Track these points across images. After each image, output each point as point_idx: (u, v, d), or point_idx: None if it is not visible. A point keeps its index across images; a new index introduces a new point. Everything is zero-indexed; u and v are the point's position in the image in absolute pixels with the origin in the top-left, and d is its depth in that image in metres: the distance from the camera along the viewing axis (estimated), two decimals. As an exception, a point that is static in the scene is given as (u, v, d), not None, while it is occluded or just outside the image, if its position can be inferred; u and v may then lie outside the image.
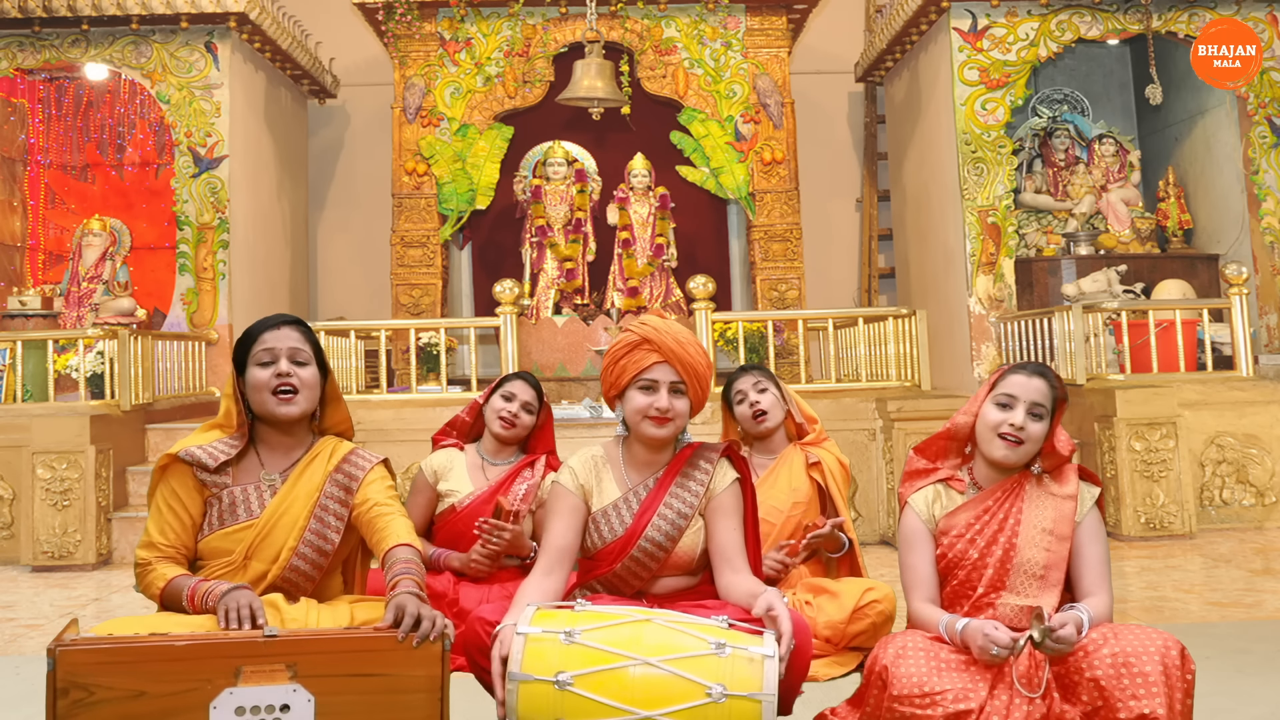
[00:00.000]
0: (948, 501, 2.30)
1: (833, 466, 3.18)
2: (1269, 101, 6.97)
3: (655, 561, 2.26)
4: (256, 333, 2.26)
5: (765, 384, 3.21)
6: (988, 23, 7.07)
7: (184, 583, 2.13)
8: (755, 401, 3.19)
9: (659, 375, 2.23)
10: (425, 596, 2.01)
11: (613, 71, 7.03)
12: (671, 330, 2.28)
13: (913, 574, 2.27)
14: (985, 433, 2.24)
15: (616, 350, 2.29)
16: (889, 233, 9.06)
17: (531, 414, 3.38)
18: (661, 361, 2.23)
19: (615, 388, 2.30)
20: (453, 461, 3.41)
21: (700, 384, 2.26)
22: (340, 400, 2.38)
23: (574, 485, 2.31)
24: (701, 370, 2.26)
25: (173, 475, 2.23)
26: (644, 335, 2.25)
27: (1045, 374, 2.26)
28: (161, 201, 7.76)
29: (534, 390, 3.41)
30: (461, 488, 3.34)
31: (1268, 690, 2.83)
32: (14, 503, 5.50)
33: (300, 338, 2.26)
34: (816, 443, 3.25)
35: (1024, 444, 2.21)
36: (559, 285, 7.56)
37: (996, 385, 2.27)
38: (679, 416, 2.25)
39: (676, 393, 2.24)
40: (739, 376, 3.26)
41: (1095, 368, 5.87)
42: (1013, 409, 2.21)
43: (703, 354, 2.29)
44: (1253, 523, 5.63)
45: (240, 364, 2.25)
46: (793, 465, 3.22)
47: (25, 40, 7.16)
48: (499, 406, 3.37)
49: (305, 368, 2.25)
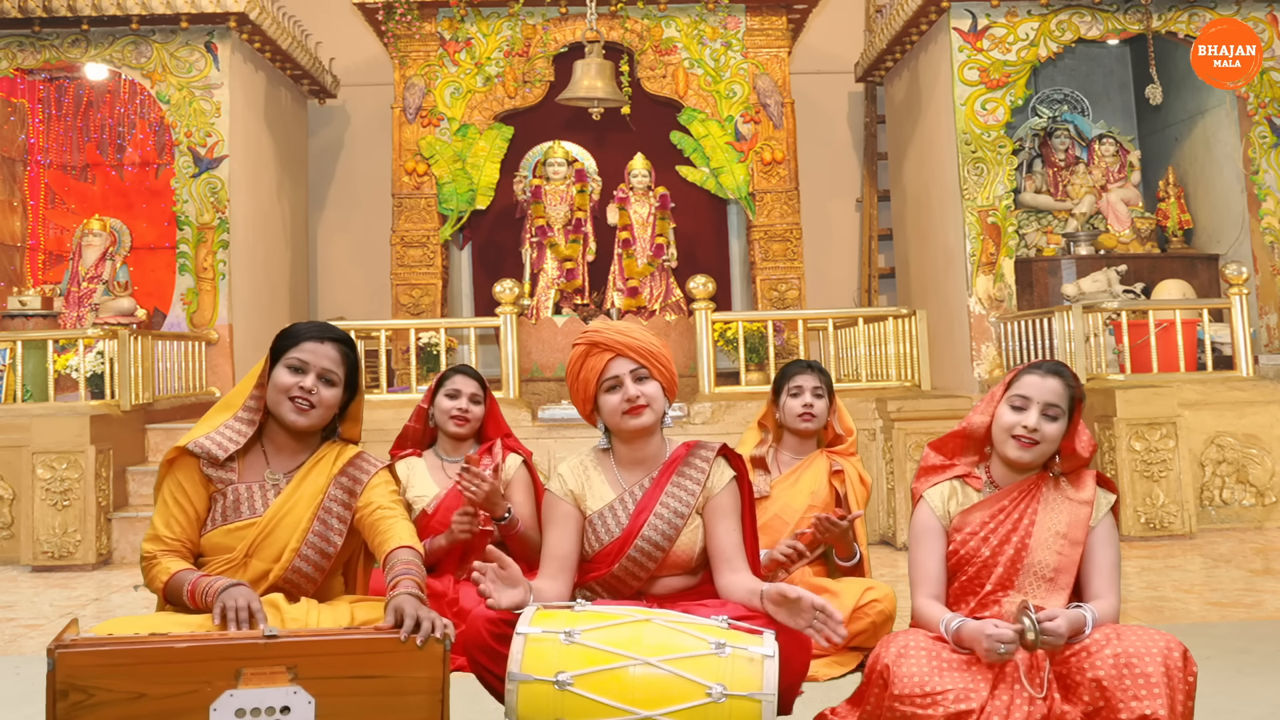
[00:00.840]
0: (963, 499, 2.29)
1: (854, 479, 3.20)
2: (1269, 101, 6.97)
3: (653, 561, 2.26)
4: (300, 337, 2.26)
5: (824, 390, 3.23)
6: (988, 23, 7.06)
7: (186, 577, 2.14)
8: (810, 404, 3.21)
9: (618, 369, 2.26)
10: (425, 598, 2.01)
11: (613, 71, 7.03)
12: (614, 325, 2.32)
13: (921, 569, 2.27)
14: (1000, 434, 2.24)
15: (573, 366, 2.33)
16: (889, 233, 9.06)
17: (479, 404, 3.40)
18: (614, 356, 2.26)
19: (587, 401, 2.32)
20: (411, 468, 3.42)
21: (661, 364, 2.29)
22: (359, 422, 2.39)
23: (564, 492, 2.31)
24: (655, 351, 2.29)
25: (179, 469, 2.24)
26: (590, 340, 2.30)
27: (1061, 373, 2.24)
28: (161, 201, 7.75)
29: (475, 380, 3.42)
30: (427, 491, 3.35)
31: (1268, 690, 2.83)
32: (14, 503, 5.49)
33: (338, 359, 2.26)
34: (845, 454, 3.26)
35: (1039, 445, 2.20)
36: (559, 285, 7.55)
37: (1011, 385, 2.25)
38: (653, 400, 2.27)
39: (641, 379, 2.26)
40: (803, 371, 3.26)
41: (1095, 368, 5.87)
42: (1026, 410, 2.21)
43: (652, 336, 2.33)
44: (1253, 523, 5.63)
45: (275, 356, 2.26)
46: (817, 469, 3.23)
47: (25, 40, 7.16)
48: (447, 407, 3.38)
49: (331, 388, 2.25)
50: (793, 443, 3.30)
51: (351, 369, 2.30)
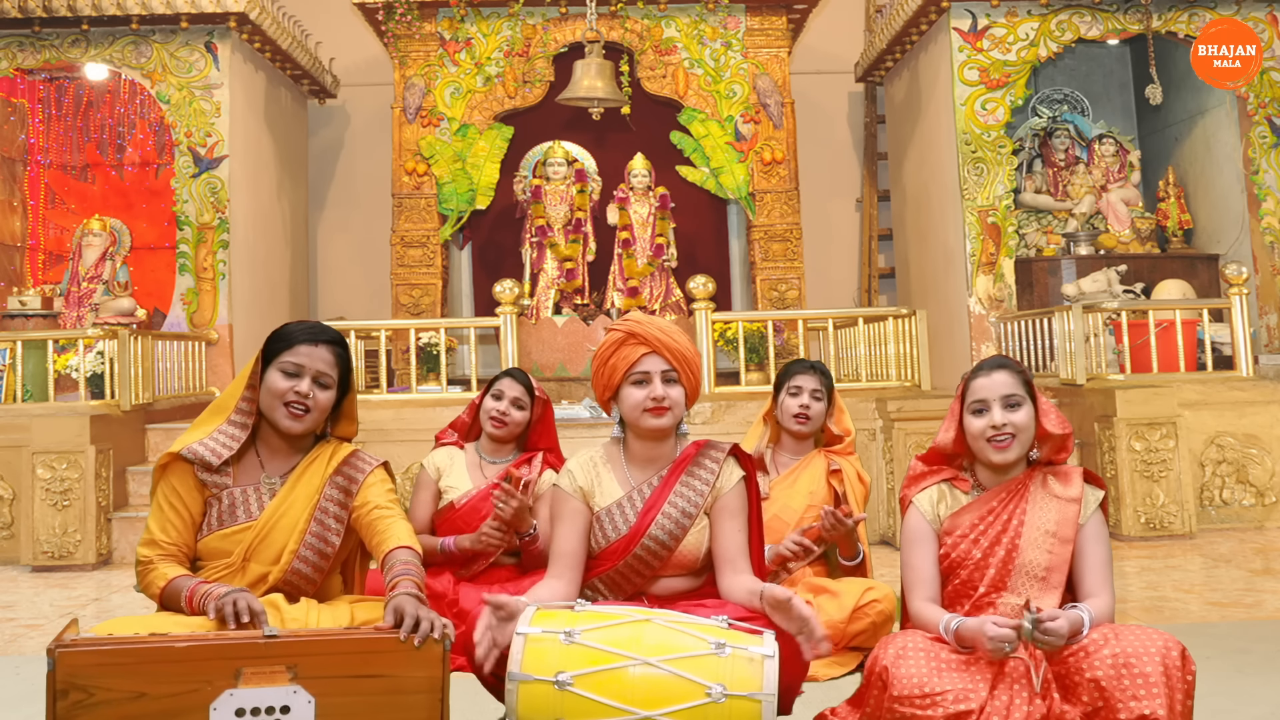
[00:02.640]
0: (952, 501, 2.30)
1: (853, 478, 3.19)
2: (1269, 101, 6.97)
3: (658, 560, 2.26)
4: (294, 340, 2.23)
5: (823, 393, 3.22)
6: (988, 23, 7.07)
7: (183, 583, 2.13)
8: (806, 405, 3.20)
9: (650, 366, 2.24)
10: (424, 598, 2.01)
11: (613, 71, 7.03)
12: (655, 322, 2.30)
13: (915, 573, 2.27)
14: (976, 443, 2.26)
15: (604, 350, 2.30)
16: (889, 233, 9.06)
17: (523, 409, 3.39)
18: (650, 353, 2.24)
19: (609, 388, 2.30)
20: (453, 459, 3.43)
21: (691, 370, 2.28)
22: (354, 419, 2.37)
23: (573, 488, 2.30)
24: (690, 357, 2.28)
25: (173, 473, 2.23)
26: (629, 330, 2.27)
27: (1005, 364, 2.28)
28: (161, 201, 7.75)
29: (523, 385, 3.42)
30: (460, 485, 3.36)
31: (1268, 690, 2.83)
32: (14, 503, 5.50)
33: (332, 361, 2.24)
34: (843, 453, 3.26)
35: (1016, 437, 2.22)
36: (559, 285, 7.55)
37: (965, 395, 2.29)
38: (676, 405, 2.26)
39: (670, 381, 2.25)
40: (804, 371, 3.25)
41: (1095, 368, 5.87)
42: (989, 411, 2.23)
43: (689, 341, 2.32)
44: (1253, 523, 5.63)
45: (267, 358, 2.24)
46: (814, 470, 3.22)
47: (25, 40, 7.16)
48: (489, 406, 3.39)
49: (325, 391, 2.24)
50: (790, 443, 3.29)
51: (344, 368, 2.28)
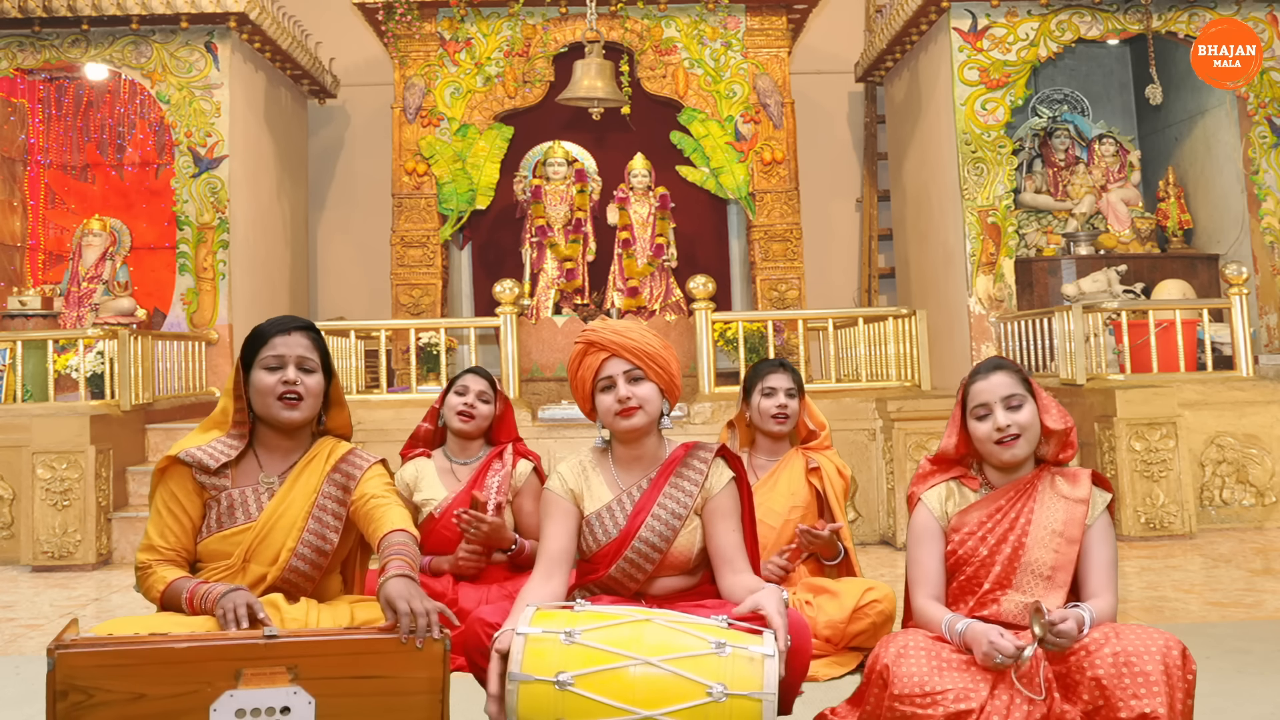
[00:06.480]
0: (961, 499, 2.31)
1: (832, 474, 3.19)
2: (1269, 101, 6.97)
3: (650, 562, 2.26)
4: (267, 335, 2.25)
5: (795, 390, 3.22)
6: (988, 23, 7.06)
7: (183, 585, 2.13)
8: (784, 404, 3.20)
9: (611, 370, 2.26)
10: (416, 577, 2.00)
11: (613, 71, 7.03)
12: (611, 325, 2.32)
13: (920, 569, 2.28)
14: (984, 447, 2.27)
15: (571, 365, 2.34)
16: (889, 233, 9.06)
17: (487, 403, 3.41)
18: (610, 356, 2.26)
19: (587, 400, 2.33)
20: (420, 470, 3.42)
21: (658, 365, 2.27)
22: (344, 404, 2.38)
23: (564, 491, 2.32)
24: (654, 351, 2.27)
25: (172, 477, 2.23)
26: (587, 340, 2.30)
27: (1001, 365, 2.29)
28: (161, 201, 7.75)
29: (485, 380, 3.43)
30: (435, 494, 3.36)
31: (1268, 690, 2.83)
32: (14, 503, 5.49)
33: (309, 345, 2.26)
34: (819, 449, 3.25)
35: (1021, 436, 2.22)
36: (559, 285, 7.55)
37: (966, 401, 2.29)
38: (646, 402, 2.25)
39: (635, 380, 2.25)
40: (775, 370, 3.24)
41: (1095, 368, 5.86)
42: (992, 414, 2.23)
43: (650, 336, 2.31)
44: (1253, 523, 5.63)
45: (247, 363, 2.25)
46: (793, 470, 3.22)
47: (25, 40, 7.16)
48: (454, 403, 3.40)
49: (311, 375, 2.25)
50: (766, 444, 3.28)
51: (323, 352, 2.30)
